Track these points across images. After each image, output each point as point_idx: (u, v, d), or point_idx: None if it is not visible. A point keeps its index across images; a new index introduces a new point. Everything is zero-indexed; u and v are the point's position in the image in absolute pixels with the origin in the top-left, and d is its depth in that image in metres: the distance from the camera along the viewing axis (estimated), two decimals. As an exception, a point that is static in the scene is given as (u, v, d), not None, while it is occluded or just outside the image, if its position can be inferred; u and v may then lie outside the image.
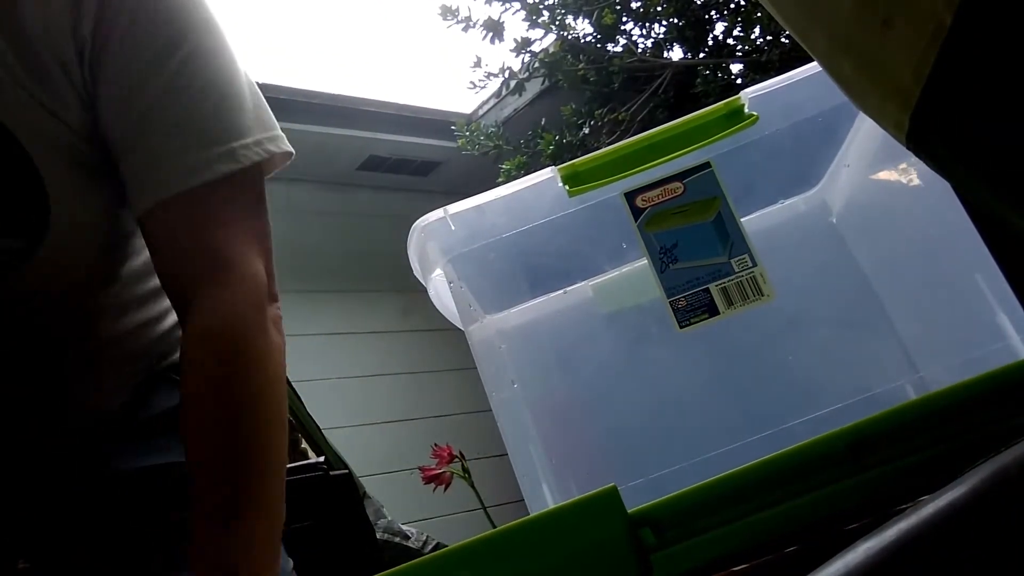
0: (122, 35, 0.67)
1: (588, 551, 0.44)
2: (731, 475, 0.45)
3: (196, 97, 0.70)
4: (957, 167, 0.42)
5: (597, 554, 0.44)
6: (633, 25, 3.62)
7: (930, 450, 0.45)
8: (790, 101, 0.78)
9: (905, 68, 0.39)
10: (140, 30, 0.68)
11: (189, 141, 0.69)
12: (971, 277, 0.75)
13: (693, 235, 0.75)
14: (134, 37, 0.68)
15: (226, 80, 0.72)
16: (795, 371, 0.81)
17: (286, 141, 0.74)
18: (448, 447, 1.56)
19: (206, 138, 0.70)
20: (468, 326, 0.79)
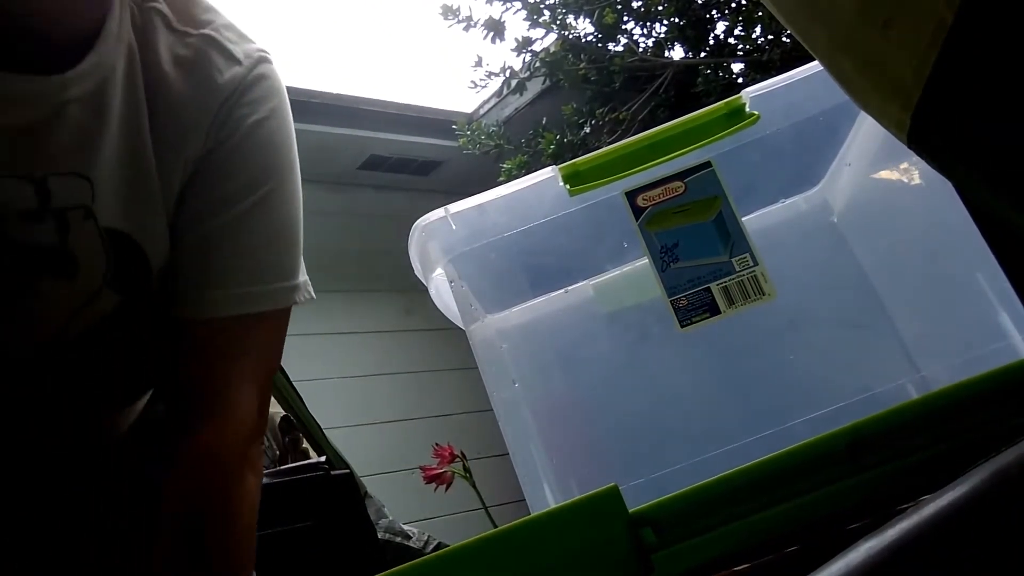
0: (224, 159, 0.73)
1: (589, 551, 0.44)
2: (731, 475, 0.45)
3: (265, 233, 0.75)
4: (958, 166, 0.42)
5: (598, 554, 0.44)
6: (634, 24, 3.62)
7: (930, 449, 0.45)
8: (791, 100, 0.78)
9: (906, 67, 0.39)
10: (239, 159, 0.74)
11: (251, 272, 0.74)
12: (972, 276, 0.74)
13: (694, 234, 0.75)
14: (232, 163, 0.73)
15: (293, 223, 0.78)
16: (796, 370, 0.81)
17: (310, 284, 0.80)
18: (449, 447, 1.56)
19: (267, 274, 0.74)
20: (469, 325, 0.79)
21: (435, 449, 1.57)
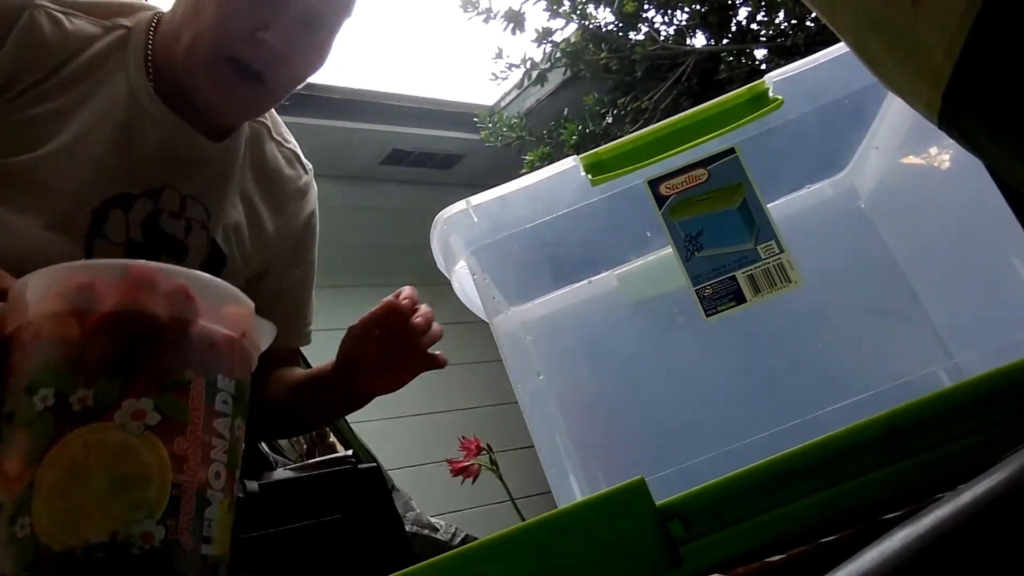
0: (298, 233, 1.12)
1: (616, 544, 0.43)
2: (762, 465, 0.44)
3: (311, 287, 1.17)
4: (991, 146, 0.41)
5: (626, 547, 0.43)
6: (655, 12, 3.59)
7: (969, 437, 0.44)
8: (816, 84, 0.76)
9: (937, 46, 0.38)
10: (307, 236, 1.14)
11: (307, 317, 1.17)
12: (1006, 260, 0.73)
13: (718, 222, 0.74)
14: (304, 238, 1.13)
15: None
16: (824, 358, 0.79)
17: None
18: (476, 439, 1.56)
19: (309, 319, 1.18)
20: (493, 318, 0.79)
21: (461, 442, 1.57)
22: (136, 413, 0.60)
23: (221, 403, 0.64)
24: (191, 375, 0.63)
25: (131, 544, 0.58)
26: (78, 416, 0.59)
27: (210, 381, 0.64)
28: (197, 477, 0.62)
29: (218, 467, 0.63)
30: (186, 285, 0.63)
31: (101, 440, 0.59)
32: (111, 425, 0.60)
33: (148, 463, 0.60)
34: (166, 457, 0.60)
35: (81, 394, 0.60)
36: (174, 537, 0.59)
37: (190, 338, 0.64)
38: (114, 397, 0.60)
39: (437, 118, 4.06)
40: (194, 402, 0.63)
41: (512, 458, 1.74)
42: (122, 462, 0.59)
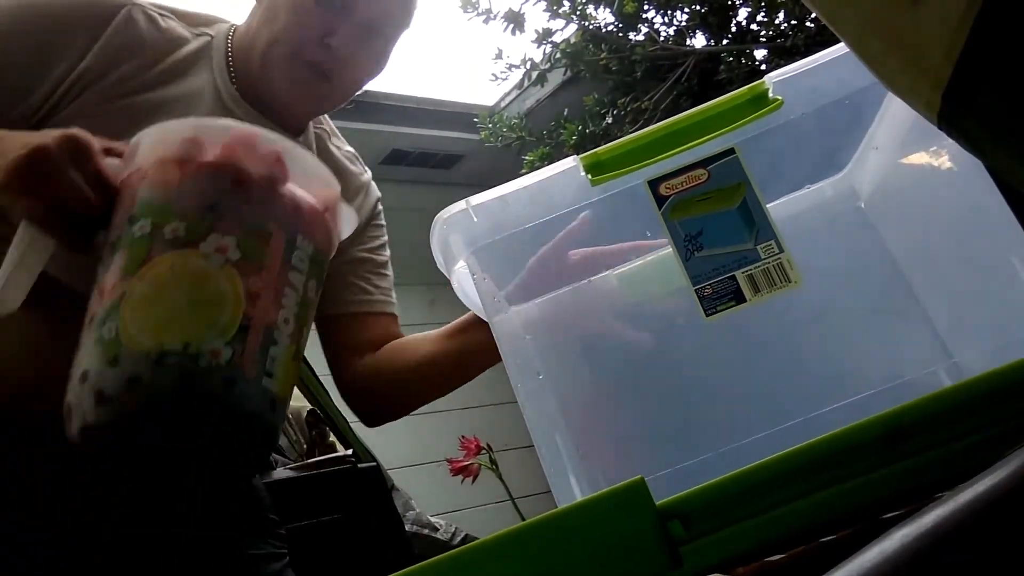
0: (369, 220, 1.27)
1: (616, 544, 0.43)
2: (762, 465, 0.45)
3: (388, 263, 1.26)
4: (991, 146, 0.41)
5: (625, 547, 0.43)
6: (655, 13, 3.59)
7: (969, 437, 0.44)
8: (816, 84, 0.76)
9: (937, 45, 0.38)
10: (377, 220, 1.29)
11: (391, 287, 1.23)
12: (1006, 260, 0.73)
13: (718, 222, 0.74)
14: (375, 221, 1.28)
15: None
16: (824, 358, 0.80)
17: None
18: (475, 439, 1.57)
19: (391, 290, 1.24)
20: (492, 318, 0.79)
21: (461, 441, 1.57)
22: (220, 247, 0.68)
23: (297, 260, 0.72)
24: (273, 227, 0.71)
25: (200, 356, 0.65)
26: (169, 243, 0.68)
27: (290, 238, 0.72)
28: (267, 315, 0.69)
29: (288, 314, 0.70)
30: (280, 151, 0.72)
31: (186, 264, 0.67)
32: (197, 253, 0.68)
33: (224, 291, 0.68)
34: (241, 290, 0.68)
35: (174, 225, 0.68)
36: (239, 361, 0.66)
37: (276, 197, 0.72)
38: (202, 231, 0.68)
39: (437, 118, 4.06)
40: (273, 250, 0.70)
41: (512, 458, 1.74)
42: (202, 285, 0.67)
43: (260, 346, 0.68)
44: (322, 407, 1.81)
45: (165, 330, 0.65)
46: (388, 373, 1.12)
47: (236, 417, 0.67)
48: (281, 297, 0.70)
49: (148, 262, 0.67)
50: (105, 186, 0.71)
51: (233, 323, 0.67)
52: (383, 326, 1.16)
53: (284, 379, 0.70)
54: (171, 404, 0.64)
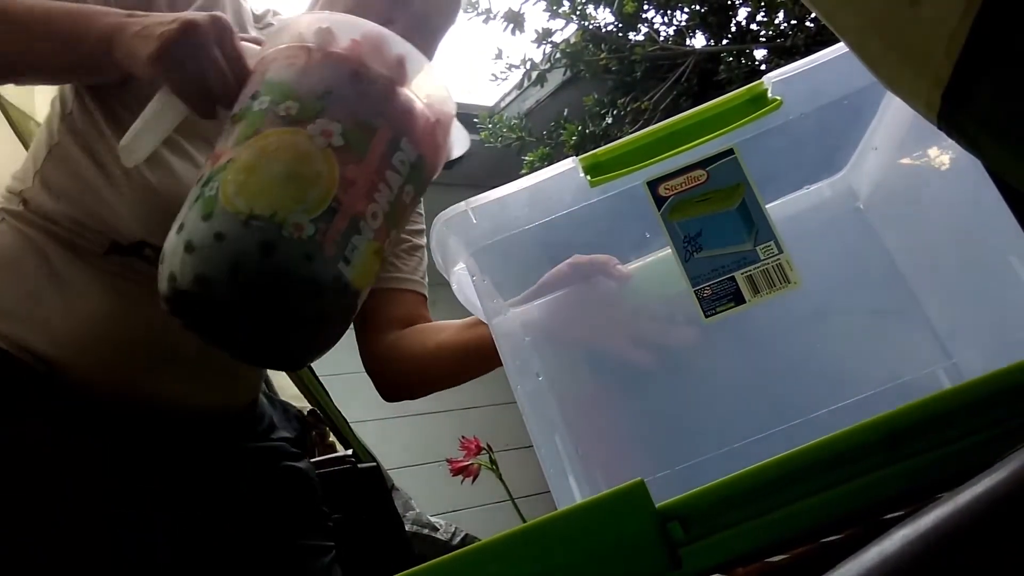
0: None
1: (616, 546, 0.43)
2: (762, 467, 0.44)
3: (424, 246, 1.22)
4: (991, 146, 0.41)
5: (625, 549, 0.43)
6: (655, 13, 3.59)
7: (969, 438, 0.44)
8: (815, 84, 0.76)
9: (936, 44, 0.38)
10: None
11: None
12: (1005, 260, 0.73)
13: (717, 223, 0.74)
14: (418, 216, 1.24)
15: None
16: (823, 359, 0.79)
17: None
18: (475, 439, 1.57)
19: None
20: (492, 319, 0.79)
21: (461, 442, 1.57)
22: (325, 131, 0.72)
23: (398, 161, 0.75)
24: (380, 123, 0.75)
25: (284, 226, 0.69)
26: (281, 119, 0.73)
27: (394, 138, 0.75)
28: (357, 204, 0.72)
29: (377, 209, 0.74)
30: (404, 56, 0.77)
31: (290, 141, 0.72)
32: (303, 132, 0.72)
33: (320, 172, 0.72)
34: (336, 174, 0.72)
35: (288, 104, 0.73)
36: (320, 239, 0.70)
37: (390, 97, 0.76)
38: (312, 114, 0.73)
39: (437, 118, 4.05)
40: (375, 145, 0.74)
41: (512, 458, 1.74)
42: (300, 162, 0.72)
43: (343, 231, 0.71)
44: (322, 407, 1.81)
45: (258, 196, 0.70)
46: (407, 352, 1.13)
47: (308, 290, 0.70)
48: (374, 191, 0.73)
49: (258, 134, 0.72)
50: (241, 66, 0.78)
51: (322, 203, 0.71)
52: (411, 304, 1.17)
53: (362, 269, 0.73)
54: (249, 265, 0.69)
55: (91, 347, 0.90)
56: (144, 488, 0.92)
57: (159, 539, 0.93)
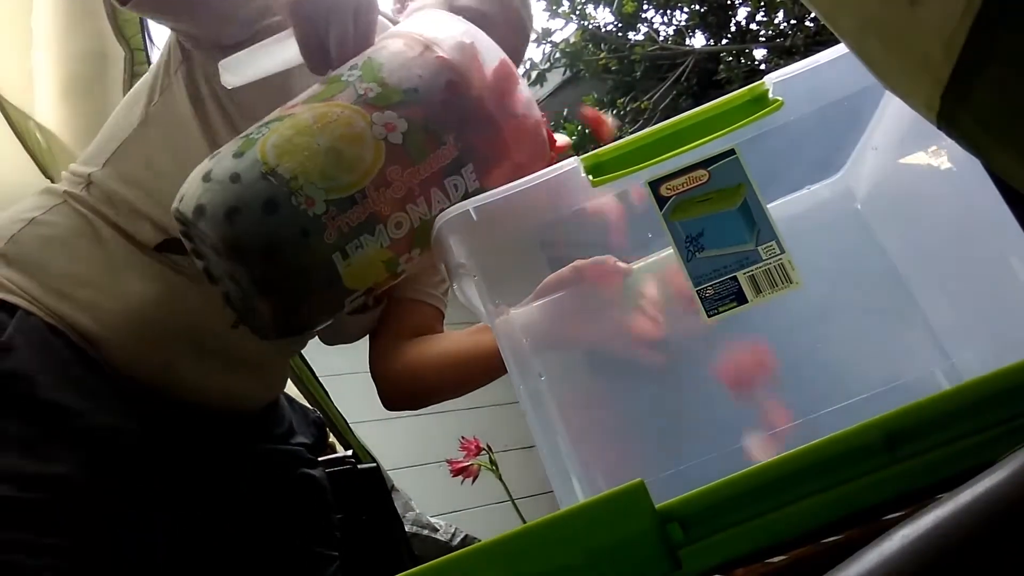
0: None
1: (616, 547, 0.43)
2: (762, 468, 0.44)
3: None
4: (990, 146, 0.41)
5: (624, 550, 0.43)
6: (654, 12, 3.59)
7: (969, 439, 0.44)
8: (815, 85, 0.76)
9: (935, 44, 0.38)
10: None
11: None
12: (1004, 261, 0.73)
13: (719, 223, 0.74)
14: None
15: None
16: (823, 359, 0.79)
17: None
18: (476, 439, 1.57)
19: None
20: (493, 320, 0.79)
21: (461, 442, 1.57)
22: (389, 124, 0.71)
23: (451, 184, 0.74)
24: (449, 141, 0.73)
25: (296, 193, 0.68)
26: (356, 96, 0.72)
27: (459, 161, 0.74)
28: (383, 206, 0.71)
29: (404, 220, 0.73)
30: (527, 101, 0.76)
31: (350, 119, 0.71)
32: (366, 117, 0.71)
33: (361, 159, 0.70)
34: (375, 169, 0.70)
35: (370, 85, 0.72)
36: (326, 222, 0.68)
37: (477, 122, 0.74)
38: (386, 103, 0.72)
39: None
40: (433, 158, 0.72)
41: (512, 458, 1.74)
42: (347, 141, 0.70)
43: (355, 225, 0.70)
44: (322, 407, 1.81)
45: (289, 156, 0.69)
46: (410, 361, 1.14)
47: (290, 264, 0.69)
48: (409, 202, 0.72)
49: (329, 101, 0.72)
50: (366, 40, 0.79)
51: (345, 189, 0.69)
52: (427, 316, 1.17)
53: (359, 271, 0.71)
54: (246, 215, 0.68)
55: (134, 328, 0.93)
56: (147, 487, 0.93)
57: (159, 539, 0.93)
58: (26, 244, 0.96)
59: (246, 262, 0.70)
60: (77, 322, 0.92)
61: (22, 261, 0.95)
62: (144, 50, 1.61)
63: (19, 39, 1.60)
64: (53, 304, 0.92)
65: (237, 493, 1.04)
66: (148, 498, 0.92)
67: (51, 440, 0.85)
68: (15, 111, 1.59)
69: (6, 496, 0.81)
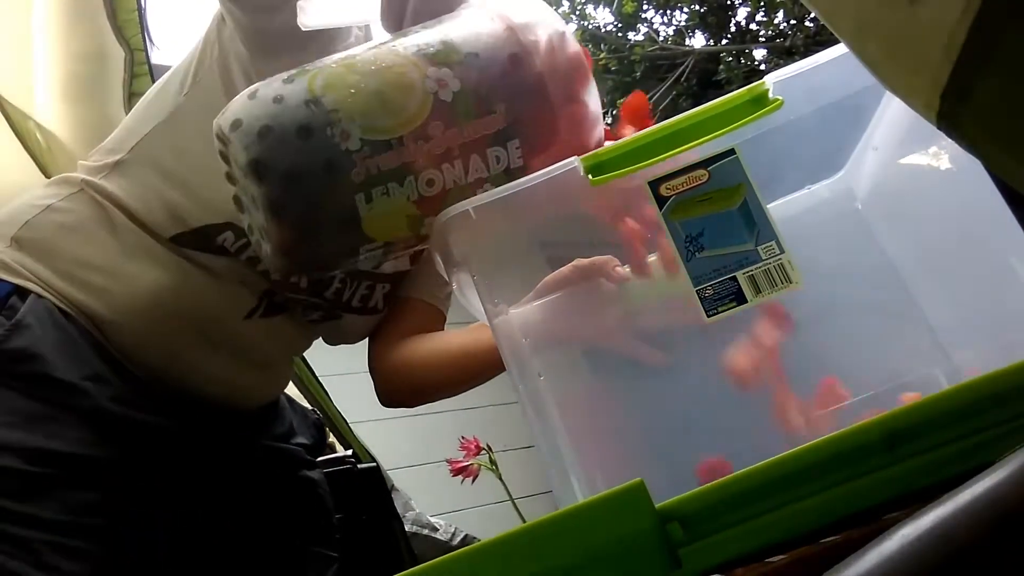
0: None
1: (616, 546, 0.43)
2: (762, 467, 0.45)
3: None
4: (991, 146, 0.41)
5: (624, 549, 0.43)
6: (654, 13, 3.59)
7: (969, 439, 0.44)
8: (815, 85, 0.76)
9: (935, 44, 0.38)
10: None
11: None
12: (1005, 261, 0.73)
13: (719, 223, 0.74)
14: None
15: None
16: (823, 359, 0.79)
17: None
18: (476, 439, 1.57)
19: None
20: (493, 320, 0.79)
21: (461, 442, 1.58)
22: (441, 81, 0.71)
23: (493, 156, 0.74)
24: (500, 110, 0.73)
25: (334, 125, 0.68)
26: (418, 50, 0.73)
27: (505, 132, 0.73)
28: (417, 158, 0.70)
29: (437, 178, 0.72)
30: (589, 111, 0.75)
31: (405, 68, 0.72)
32: (422, 70, 0.71)
33: (406, 107, 0.70)
34: (419, 121, 0.70)
35: (433, 42, 0.73)
36: (355, 159, 0.68)
37: (532, 98, 0.74)
38: (443, 60, 0.73)
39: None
40: (479, 124, 0.72)
41: (512, 458, 1.74)
42: (396, 88, 0.71)
43: (386, 171, 0.70)
44: (322, 407, 1.81)
45: (336, 90, 0.70)
46: (402, 356, 1.14)
47: (310, 194, 0.69)
48: (445, 161, 0.71)
49: (393, 52, 0.73)
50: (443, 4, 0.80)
51: (384, 132, 0.70)
52: (427, 317, 1.18)
53: (381, 218, 0.71)
54: (279, 136, 0.68)
55: (144, 314, 0.94)
56: (149, 485, 0.93)
57: (160, 537, 0.93)
58: (41, 229, 0.97)
59: (267, 181, 0.69)
60: (88, 307, 0.93)
61: (36, 246, 0.96)
62: (144, 50, 1.61)
63: (19, 39, 1.60)
64: (65, 289, 0.93)
65: (238, 491, 1.04)
66: (150, 495, 0.92)
67: (57, 418, 0.86)
68: (15, 111, 1.59)
69: (7, 466, 0.81)
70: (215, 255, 0.98)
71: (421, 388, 1.15)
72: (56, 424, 0.86)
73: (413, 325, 1.16)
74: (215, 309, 0.98)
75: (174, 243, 0.97)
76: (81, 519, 0.84)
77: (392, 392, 1.16)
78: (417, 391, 1.16)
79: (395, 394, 1.16)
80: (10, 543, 0.79)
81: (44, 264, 0.95)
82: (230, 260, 0.98)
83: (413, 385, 1.15)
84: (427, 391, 1.16)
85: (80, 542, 0.83)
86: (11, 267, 0.94)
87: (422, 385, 1.15)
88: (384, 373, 1.16)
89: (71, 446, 0.86)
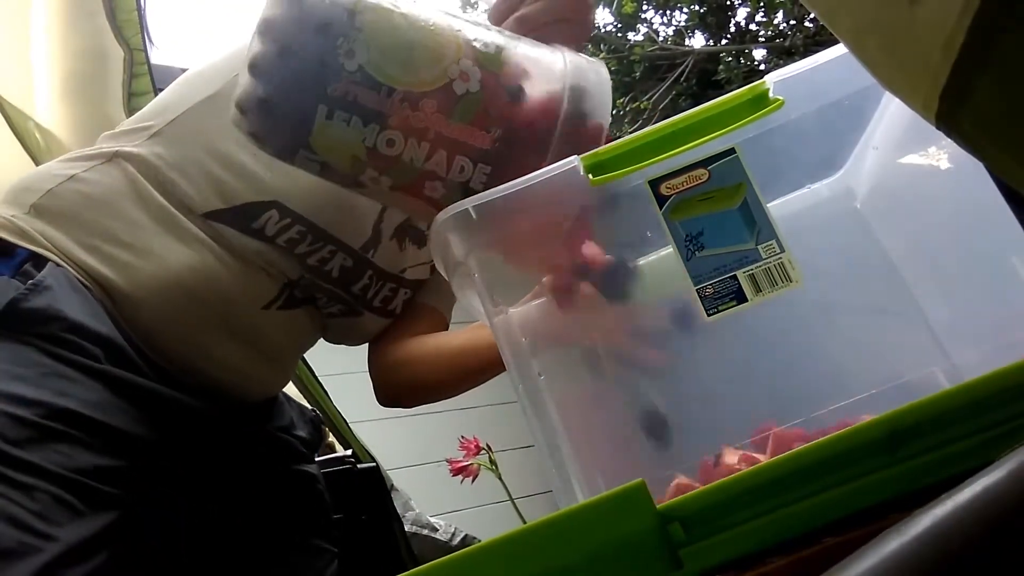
0: None
1: (616, 547, 0.43)
2: (763, 467, 0.45)
3: None
4: (990, 147, 0.41)
5: (625, 550, 0.43)
6: (654, 13, 3.59)
7: (970, 439, 0.44)
8: (816, 84, 0.76)
9: (934, 44, 0.38)
10: None
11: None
12: (1005, 261, 0.73)
13: (719, 222, 0.74)
14: None
15: None
16: (823, 358, 0.79)
17: None
18: (475, 439, 1.57)
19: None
20: (492, 319, 0.79)
21: (461, 442, 1.58)
22: (465, 74, 0.73)
23: (458, 164, 0.75)
24: (494, 135, 0.75)
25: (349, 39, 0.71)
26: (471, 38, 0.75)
27: (484, 156, 0.74)
28: (393, 114, 0.72)
29: (398, 142, 0.73)
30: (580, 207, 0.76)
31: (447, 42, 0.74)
32: (459, 55, 0.73)
33: (419, 73, 0.72)
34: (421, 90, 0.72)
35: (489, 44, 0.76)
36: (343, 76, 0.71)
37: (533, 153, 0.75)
38: (481, 61, 0.74)
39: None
40: (466, 131, 0.74)
41: (512, 458, 1.74)
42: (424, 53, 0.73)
43: (359, 105, 0.72)
44: (321, 407, 1.81)
45: (376, 21, 0.72)
46: (401, 354, 1.14)
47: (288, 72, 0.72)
48: (414, 136, 0.73)
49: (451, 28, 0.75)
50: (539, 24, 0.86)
51: (383, 75, 0.71)
52: (431, 321, 1.18)
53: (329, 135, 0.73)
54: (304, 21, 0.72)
55: (165, 291, 0.93)
56: (171, 467, 0.92)
57: (181, 524, 0.93)
58: (64, 198, 0.95)
59: (267, 41, 0.73)
60: (109, 280, 0.91)
61: (58, 215, 0.94)
62: (143, 50, 1.61)
63: (18, 39, 1.60)
64: (86, 260, 0.91)
65: (244, 484, 1.04)
66: (172, 478, 0.91)
67: (77, 380, 0.84)
68: (15, 111, 1.59)
69: (14, 414, 0.78)
70: (249, 236, 0.96)
71: (419, 386, 1.15)
72: (78, 385, 0.83)
73: (415, 327, 1.16)
74: (236, 295, 0.96)
75: (207, 219, 0.95)
76: (92, 482, 0.80)
77: (390, 390, 1.16)
78: (415, 390, 1.16)
79: (393, 392, 1.16)
80: (12, 487, 0.75)
81: (65, 233, 0.93)
82: (261, 244, 0.97)
83: (411, 383, 1.15)
84: (425, 390, 1.16)
85: (86, 507, 0.79)
86: (29, 234, 0.91)
87: (421, 383, 1.14)
88: (383, 370, 1.16)
89: (91, 410, 0.82)
